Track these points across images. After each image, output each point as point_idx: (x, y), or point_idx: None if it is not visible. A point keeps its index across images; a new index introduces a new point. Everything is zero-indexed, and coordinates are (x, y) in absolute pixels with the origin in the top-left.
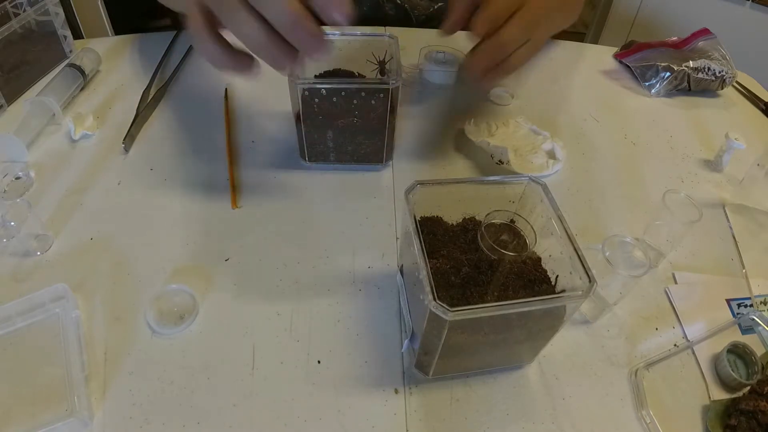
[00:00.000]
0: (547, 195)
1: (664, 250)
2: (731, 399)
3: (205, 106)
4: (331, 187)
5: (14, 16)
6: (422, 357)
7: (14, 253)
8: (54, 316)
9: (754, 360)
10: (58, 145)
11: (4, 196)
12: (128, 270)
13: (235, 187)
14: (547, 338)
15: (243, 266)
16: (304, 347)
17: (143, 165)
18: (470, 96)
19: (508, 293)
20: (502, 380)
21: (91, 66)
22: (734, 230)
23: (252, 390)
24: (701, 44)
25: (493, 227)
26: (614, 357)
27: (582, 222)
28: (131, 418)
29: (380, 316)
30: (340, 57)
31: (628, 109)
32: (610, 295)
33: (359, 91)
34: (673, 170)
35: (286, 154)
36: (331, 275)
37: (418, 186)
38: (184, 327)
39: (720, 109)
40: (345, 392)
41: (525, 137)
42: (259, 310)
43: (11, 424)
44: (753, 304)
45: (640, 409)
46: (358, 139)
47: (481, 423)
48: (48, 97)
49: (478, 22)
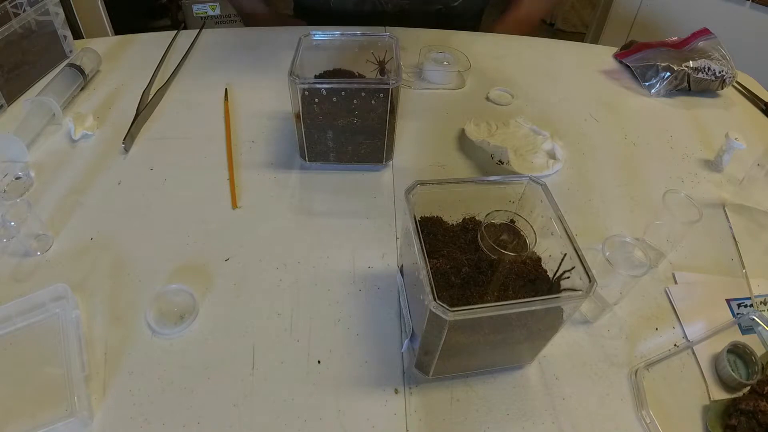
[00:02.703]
0: (547, 195)
1: (664, 250)
2: (731, 399)
3: (205, 106)
4: (331, 187)
5: (14, 16)
6: (422, 357)
7: (14, 253)
8: (54, 316)
9: (754, 360)
10: (58, 145)
11: (4, 196)
12: (128, 270)
13: (235, 187)
14: (547, 338)
15: (243, 266)
16: (304, 347)
17: (143, 165)
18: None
19: (508, 293)
20: (502, 380)
21: (91, 66)
22: (734, 230)
23: (252, 390)
24: (701, 44)
25: (493, 227)
26: (614, 357)
27: (582, 222)
28: (131, 418)
29: (380, 316)
30: (340, 57)
31: (628, 109)
32: (610, 295)
33: (359, 91)
34: (673, 170)
35: (286, 154)
36: (331, 275)
37: (418, 186)
38: (184, 327)
39: (720, 109)
40: (345, 392)
41: (525, 137)
42: (259, 310)
43: (11, 424)
44: (753, 304)
45: (640, 409)
46: (358, 139)
47: (481, 423)
48: (48, 97)
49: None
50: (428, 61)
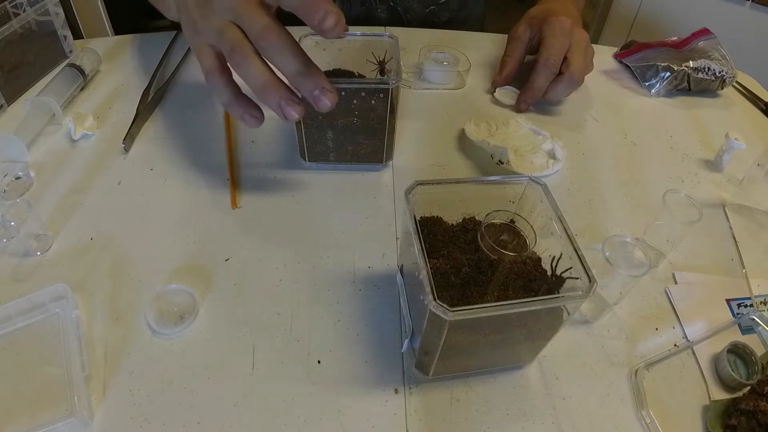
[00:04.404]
0: (547, 195)
1: (664, 250)
2: (731, 399)
3: (205, 106)
4: (331, 187)
5: (14, 16)
6: (422, 357)
7: (14, 253)
8: (54, 316)
9: (754, 360)
10: (58, 145)
11: (4, 196)
12: (128, 270)
13: (235, 187)
14: (547, 338)
15: (243, 266)
16: (304, 347)
17: (143, 165)
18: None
19: (508, 293)
20: (502, 380)
21: (91, 66)
22: (734, 230)
23: (252, 390)
24: (701, 44)
25: (493, 227)
26: (614, 357)
27: (582, 222)
28: (131, 418)
29: (380, 316)
30: (340, 57)
31: (628, 109)
32: (610, 295)
33: (359, 91)
34: (673, 170)
35: (286, 154)
36: (331, 275)
37: (418, 186)
38: (184, 327)
39: (720, 109)
40: (345, 392)
41: (525, 137)
42: (259, 310)
43: (11, 424)
44: (753, 304)
45: (640, 409)
46: (358, 139)
47: (481, 423)
48: (48, 97)
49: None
50: (428, 61)
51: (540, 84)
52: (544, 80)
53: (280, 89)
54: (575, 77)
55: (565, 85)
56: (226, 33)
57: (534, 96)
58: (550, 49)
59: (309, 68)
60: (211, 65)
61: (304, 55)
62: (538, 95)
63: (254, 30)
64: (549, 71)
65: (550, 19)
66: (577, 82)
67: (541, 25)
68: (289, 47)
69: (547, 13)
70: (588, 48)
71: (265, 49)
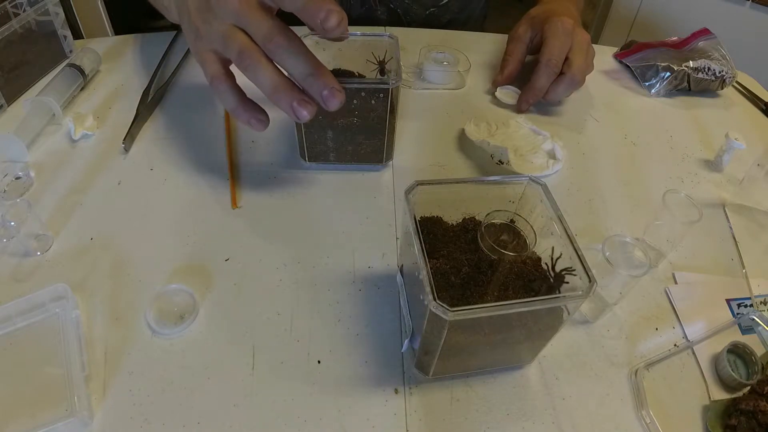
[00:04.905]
0: (547, 195)
1: (664, 250)
2: (731, 399)
3: (205, 106)
4: (331, 187)
5: (14, 16)
6: (422, 357)
7: (14, 253)
8: (54, 316)
9: (754, 360)
10: (58, 145)
11: (4, 196)
12: (128, 270)
13: (235, 187)
14: (547, 338)
15: (243, 266)
16: (304, 347)
17: (143, 165)
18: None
19: (508, 293)
20: (502, 380)
21: (91, 66)
22: (734, 230)
23: (252, 390)
24: (701, 44)
25: (493, 227)
26: (614, 357)
27: (582, 222)
28: (131, 418)
29: (380, 316)
30: (340, 57)
31: (628, 109)
32: (610, 295)
33: (359, 91)
34: (673, 170)
35: (286, 154)
36: (331, 275)
37: (418, 186)
38: (184, 327)
39: (720, 109)
40: (345, 392)
41: (525, 137)
42: (259, 310)
43: (11, 424)
44: (753, 304)
45: (640, 409)
46: (358, 139)
47: (481, 423)
48: (48, 97)
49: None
50: (428, 61)
51: (542, 84)
52: (546, 80)
53: (292, 91)
54: (576, 78)
55: (567, 86)
56: (232, 38)
57: (535, 96)
58: (553, 50)
59: (318, 69)
60: (216, 71)
61: (312, 55)
62: (539, 95)
63: (260, 33)
64: (551, 71)
65: (552, 20)
66: (579, 82)
67: (543, 25)
68: (297, 48)
69: (549, 14)
70: (589, 49)
71: (274, 51)
